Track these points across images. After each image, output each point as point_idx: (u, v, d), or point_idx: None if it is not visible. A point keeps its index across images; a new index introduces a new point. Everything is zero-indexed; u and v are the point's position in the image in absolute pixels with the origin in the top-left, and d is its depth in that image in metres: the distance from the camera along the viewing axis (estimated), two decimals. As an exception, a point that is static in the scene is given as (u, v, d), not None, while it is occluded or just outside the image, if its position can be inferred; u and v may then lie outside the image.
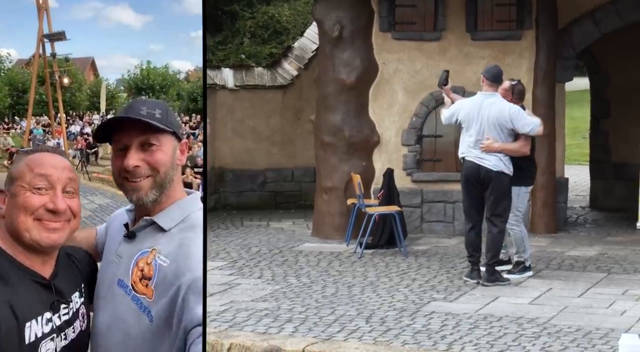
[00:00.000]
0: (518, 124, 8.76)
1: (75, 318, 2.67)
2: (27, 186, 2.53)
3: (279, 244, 11.54)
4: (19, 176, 2.56)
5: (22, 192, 2.53)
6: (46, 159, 2.60)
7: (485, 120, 8.86)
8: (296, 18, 24.34)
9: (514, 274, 9.09)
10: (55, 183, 2.56)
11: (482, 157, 8.83)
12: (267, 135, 15.17)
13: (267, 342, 7.01)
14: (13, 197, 2.54)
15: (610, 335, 7.05)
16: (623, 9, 11.94)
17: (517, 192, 8.97)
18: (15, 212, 2.52)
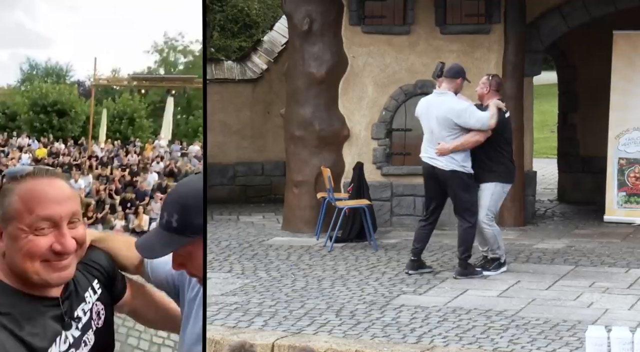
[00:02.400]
0: (466, 120, 8.81)
1: (90, 320, 2.51)
2: (27, 229, 2.23)
3: (248, 238, 11.53)
4: (15, 216, 2.24)
5: (22, 236, 2.24)
6: (45, 192, 2.27)
7: (434, 119, 8.99)
8: (266, 12, 24.27)
9: (489, 271, 9.02)
10: (59, 221, 2.27)
11: (434, 158, 9.01)
12: (237, 129, 15.14)
13: (237, 336, 7.01)
14: (12, 239, 2.25)
15: (577, 327, 7.12)
16: (590, 3, 12.03)
17: (489, 189, 8.90)
18: (19, 257, 2.25)
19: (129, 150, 30.63)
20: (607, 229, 11.81)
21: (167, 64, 50.03)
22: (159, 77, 40.59)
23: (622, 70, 12.17)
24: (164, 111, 34.52)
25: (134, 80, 36.16)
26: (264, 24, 23.55)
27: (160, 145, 31.43)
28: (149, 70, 48.60)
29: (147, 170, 25.61)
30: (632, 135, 12.23)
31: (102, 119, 33.08)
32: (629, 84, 12.17)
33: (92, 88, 32.79)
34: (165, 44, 49.90)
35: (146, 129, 40.85)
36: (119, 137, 36.11)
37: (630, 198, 12.32)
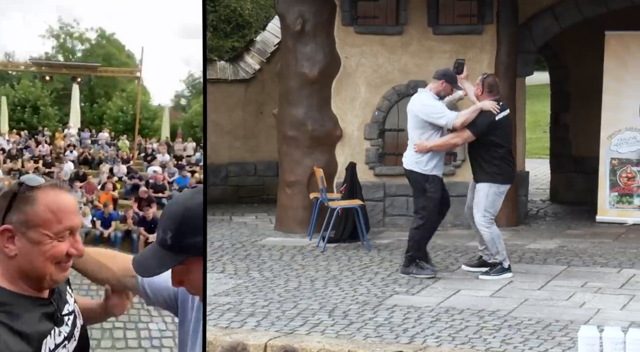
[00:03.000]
0: (430, 117, 8.86)
1: (76, 318, 2.70)
2: (53, 236, 2.44)
3: (241, 238, 11.53)
4: (42, 223, 2.43)
5: (47, 242, 2.44)
6: (69, 203, 2.51)
7: (409, 115, 9.14)
8: (258, 12, 24.26)
9: (489, 275, 8.91)
10: (76, 229, 2.53)
11: (404, 155, 9.15)
12: (229, 129, 15.13)
13: (230, 337, 7.01)
14: (34, 244, 2.43)
15: (569, 327, 7.13)
16: (582, 3, 12.05)
17: (482, 190, 8.88)
18: (39, 260, 2.44)
19: (39, 141, 29.65)
20: (599, 229, 11.84)
21: (64, 50, 49.43)
22: (62, 64, 39.72)
23: (614, 71, 12.20)
24: (70, 99, 33.90)
25: (34, 66, 35.40)
26: (256, 24, 23.53)
27: (70, 134, 31.00)
28: (47, 55, 47.72)
29: (61, 160, 25.22)
30: (624, 136, 12.26)
31: (1, 107, 31.64)
32: (620, 84, 12.20)
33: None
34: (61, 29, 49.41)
35: (52, 118, 39.76)
36: (25, 127, 35.06)
37: (622, 198, 12.35)
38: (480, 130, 8.76)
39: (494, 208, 8.93)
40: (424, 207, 8.93)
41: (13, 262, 2.45)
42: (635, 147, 12.25)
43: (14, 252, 2.44)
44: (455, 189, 11.78)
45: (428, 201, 8.92)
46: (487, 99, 8.91)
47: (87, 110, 41.46)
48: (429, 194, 8.90)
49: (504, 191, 8.97)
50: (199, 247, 2.38)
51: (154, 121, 38.35)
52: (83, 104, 38.80)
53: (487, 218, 8.85)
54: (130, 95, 39.43)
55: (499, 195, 8.91)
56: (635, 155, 12.26)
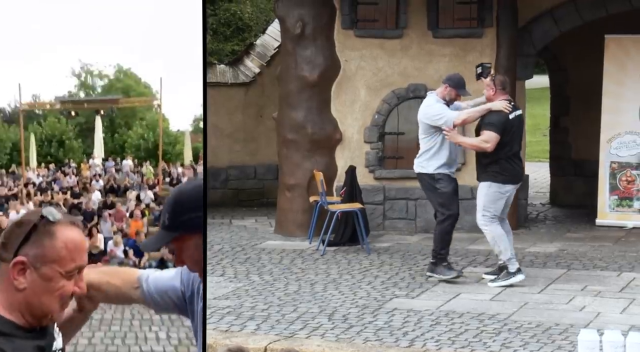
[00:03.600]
0: (431, 119, 8.90)
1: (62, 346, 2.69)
2: (64, 273, 2.42)
3: (241, 241, 11.52)
4: (57, 259, 2.40)
5: (58, 278, 2.41)
6: (80, 241, 2.49)
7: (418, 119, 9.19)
8: (258, 15, 24.25)
9: (495, 282, 8.79)
10: (83, 269, 2.51)
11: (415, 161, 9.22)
12: (229, 133, 15.12)
13: (230, 340, 7.01)
14: (45, 280, 2.40)
15: (569, 330, 7.13)
16: (582, 7, 12.05)
17: (482, 188, 8.85)
18: (47, 298, 2.42)
19: (66, 172, 30.28)
20: (599, 233, 11.83)
21: (86, 87, 51.85)
22: (85, 100, 41.99)
23: (614, 74, 12.20)
24: (93, 131, 35.32)
25: (62, 104, 37.17)
26: (256, 28, 23.52)
27: (95, 163, 31.77)
28: (70, 94, 50.01)
29: (87, 189, 25.44)
30: (623, 139, 12.26)
31: (30, 144, 32.58)
32: (620, 87, 12.20)
33: (21, 113, 32.75)
34: (82, 68, 51.95)
35: (77, 150, 41.24)
36: (51, 161, 36.11)
37: (622, 202, 12.34)
38: (500, 129, 8.64)
39: (495, 207, 8.78)
40: (442, 204, 8.95)
41: (20, 295, 2.40)
42: (635, 151, 12.24)
43: (23, 285, 2.39)
44: (455, 192, 11.79)
45: (442, 197, 8.92)
46: (500, 97, 8.83)
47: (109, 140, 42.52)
48: (440, 191, 8.92)
49: (508, 191, 8.82)
50: (191, 224, 2.62)
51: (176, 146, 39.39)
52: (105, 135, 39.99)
53: (486, 217, 8.77)
54: (149, 123, 41.01)
55: (500, 194, 8.77)
56: (635, 159, 12.25)
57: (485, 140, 8.71)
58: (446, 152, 8.97)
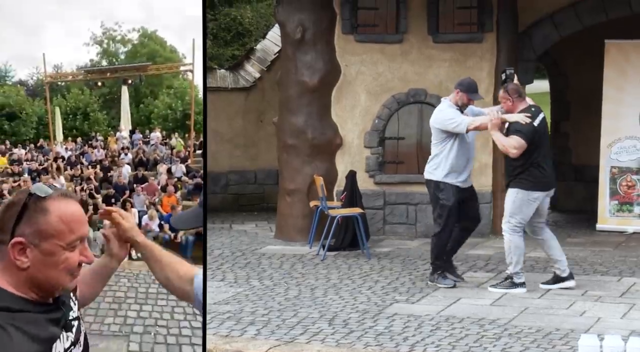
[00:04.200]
0: (444, 124, 8.80)
1: (80, 323, 2.70)
2: (65, 245, 2.43)
3: (241, 246, 11.52)
4: (55, 234, 2.41)
5: (60, 252, 2.42)
6: (80, 213, 2.51)
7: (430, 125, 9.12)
8: (258, 20, 24.25)
9: (496, 287, 8.76)
10: (85, 238, 2.53)
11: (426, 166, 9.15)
12: (229, 138, 15.14)
13: (230, 345, 7.00)
14: (47, 255, 2.41)
15: (570, 335, 7.12)
16: (582, 12, 12.07)
17: (510, 195, 8.68)
18: (54, 272, 2.43)
19: (94, 146, 29.74)
20: (600, 238, 11.83)
21: (108, 55, 49.06)
22: (112, 68, 39.12)
23: (614, 79, 12.21)
24: (118, 102, 33.50)
25: (86, 74, 35.14)
26: (256, 33, 23.53)
27: (122, 136, 30.73)
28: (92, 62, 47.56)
29: (115, 163, 24.96)
30: (624, 144, 12.27)
31: (56, 117, 32.04)
32: (620, 93, 12.21)
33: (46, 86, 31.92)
34: (104, 34, 49.12)
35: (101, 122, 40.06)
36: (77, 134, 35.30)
37: (622, 207, 12.34)
38: (530, 136, 8.48)
39: (522, 215, 8.61)
40: (440, 215, 8.89)
41: (25, 273, 2.41)
42: (635, 156, 12.25)
43: (26, 264, 2.40)
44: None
45: (442, 209, 8.86)
46: (519, 105, 8.67)
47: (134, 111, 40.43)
48: (441, 202, 8.86)
49: (537, 198, 8.63)
50: None
51: None
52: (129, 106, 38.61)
53: (510, 224, 8.62)
54: (177, 91, 38.92)
55: (528, 202, 8.59)
56: (635, 164, 12.26)
57: (514, 146, 8.51)
58: (454, 160, 8.83)
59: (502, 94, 8.78)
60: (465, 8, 11.81)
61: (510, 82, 8.89)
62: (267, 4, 23.91)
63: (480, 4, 11.79)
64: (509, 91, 8.71)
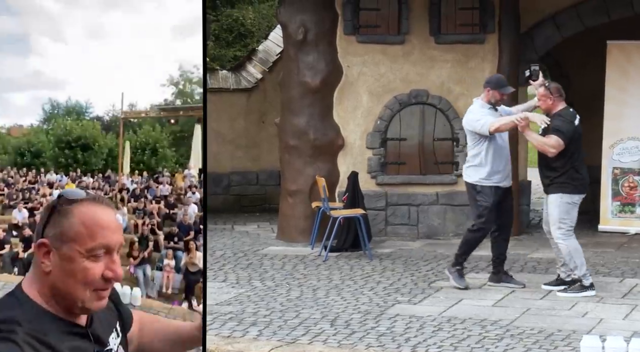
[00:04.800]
0: (470, 124, 8.75)
1: None
2: (85, 253, 2.26)
3: (243, 247, 11.52)
4: (75, 238, 2.27)
5: (79, 259, 2.26)
6: (103, 218, 2.31)
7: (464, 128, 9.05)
8: (260, 21, 24.28)
9: (566, 293, 8.63)
10: (113, 249, 2.32)
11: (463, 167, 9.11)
12: (231, 139, 15.14)
13: (232, 346, 7.00)
14: (66, 260, 2.27)
15: (572, 337, 7.12)
16: (584, 13, 12.07)
17: (553, 202, 8.57)
18: (71, 281, 2.27)
19: (160, 181, 29.21)
20: (602, 239, 11.82)
21: (183, 95, 49.41)
22: (188, 107, 39.52)
23: (616, 80, 12.20)
24: (190, 140, 33.00)
25: (162, 111, 35.73)
26: (258, 34, 23.55)
27: (191, 174, 29.89)
28: (166, 102, 48.15)
29: (181, 200, 24.01)
30: (626, 145, 12.26)
31: (125, 151, 32.11)
32: (622, 93, 12.20)
33: (121, 121, 32.32)
34: (181, 76, 49.64)
35: (169, 159, 40.64)
36: (144, 168, 35.55)
37: (624, 208, 12.34)
38: (569, 136, 8.43)
39: (570, 218, 8.51)
40: (479, 216, 8.81)
41: (48, 279, 2.29)
42: (637, 157, 12.24)
43: (48, 268, 2.28)
44: (457, 198, 11.81)
45: (480, 209, 8.78)
46: (559, 105, 8.62)
47: None
48: (479, 203, 8.78)
49: (578, 201, 8.58)
50: None
51: None
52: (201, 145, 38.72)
53: (563, 230, 8.51)
54: None
55: (572, 205, 8.53)
56: (638, 165, 12.25)
57: (553, 146, 8.45)
58: (492, 162, 8.74)
59: (544, 91, 8.68)
60: (467, 9, 11.81)
61: (536, 79, 8.84)
62: (269, 5, 23.94)
63: (482, 5, 11.79)
64: (552, 90, 8.64)
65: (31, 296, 2.29)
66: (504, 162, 8.88)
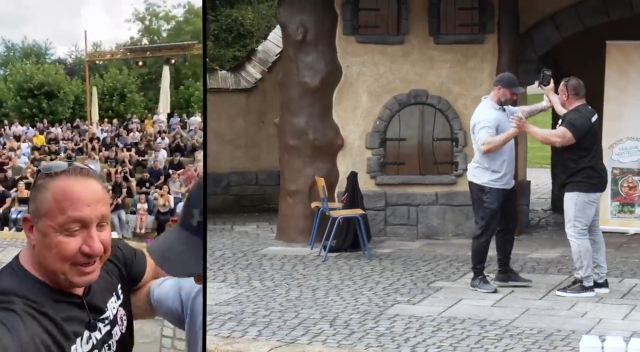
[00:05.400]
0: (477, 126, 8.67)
1: (115, 324, 2.52)
2: (57, 228, 2.24)
3: (243, 247, 11.52)
4: (47, 213, 2.25)
5: (52, 234, 2.24)
6: (78, 192, 2.26)
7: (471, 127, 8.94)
8: (260, 21, 24.29)
9: (566, 292, 8.59)
10: (89, 223, 2.27)
11: (468, 167, 9.01)
12: (231, 139, 15.13)
13: (231, 346, 7.00)
14: (42, 235, 2.27)
15: (571, 337, 7.12)
16: (583, 13, 12.07)
17: (570, 200, 8.50)
18: (49, 256, 2.26)
19: (130, 128, 29.01)
20: (601, 239, 11.80)
21: (150, 33, 47.23)
22: (156, 47, 37.10)
23: (616, 81, 12.20)
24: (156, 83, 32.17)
25: (128, 53, 33.68)
26: (258, 34, 23.56)
27: (160, 119, 29.60)
28: (132, 40, 46.06)
29: (151, 147, 24.48)
30: (625, 145, 12.26)
31: (93, 97, 30.82)
32: (622, 94, 12.20)
33: (86, 65, 31.01)
34: (147, 10, 47.30)
35: (138, 104, 39.12)
36: (112, 115, 34.55)
37: (623, 208, 12.33)
38: (581, 132, 8.37)
39: (586, 217, 8.44)
40: (482, 218, 8.73)
41: (35, 253, 2.31)
42: (636, 157, 12.24)
43: (33, 242, 2.30)
44: (456, 198, 11.81)
45: (485, 211, 8.70)
46: (575, 103, 8.57)
47: (173, 94, 38.35)
48: (486, 205, 8.68)
49: (596, 200, 8.52)
50: None
51: None
52: None
53: (577, 228, 8.45)
54: None
55: (589, 204, 8.45)
56: (637, 165, 12.25)
57: (558, 135, 8.44)
58: (500, 164, 8.68)
59: (562, 87, 8.67)
60: (466, 9, 11.81)
61: (547, 84, 8.84)
62: (268, 5, 23.95)
63: (482, 5, 11.79)
64: (568, 86, 8.62)
65: (27, 267, 2.33)
66: (511, 165, 8.85)
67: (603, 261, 8.71)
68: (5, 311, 2.18)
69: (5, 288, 2.25)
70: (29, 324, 2.18)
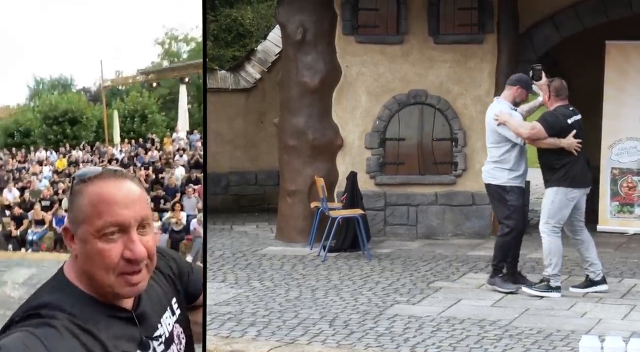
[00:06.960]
0: (503, 132, 8.60)
1: (171, 343, 2.34)
2: (96, 233, 2.12)
3: (242, 247, 11.52)
4: (85, 219, 2.14)
5: (92, 241, 2.13)
6: (111, 193, 2.15)
7: (486, 128, 8.89)
8: (259, 21, 24.26)
9: (531, 289, 8.60)
10: (128, 226, 2.15)
11: (482, 169, 8.95)
12: (230, 139, 15.13)
13: (230, 346, 7.00)
14: (83, 242, 2.15)
15: (571, 337, 7.12)
16: (582, 13, 12.07)
17: (548, 196, 8.54)
18: (92, 266, 2.14)
19: (148, 148, 29.02)
20: (600, 239, 11.77)
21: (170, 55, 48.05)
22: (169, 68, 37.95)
23: (615, 80, 12.20)
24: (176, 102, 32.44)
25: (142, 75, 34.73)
26: (257, 34, 23.53)
27: (179, 137, 29.57)
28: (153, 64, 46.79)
29: (170, 165, 24.43)
30: (624, 145, 12.26)
31: (114, 120, 31.87)
32: (621, 93, 12.20)
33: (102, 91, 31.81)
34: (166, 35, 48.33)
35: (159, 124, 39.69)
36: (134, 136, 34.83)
37: (623, 208, 12.34)
38: (555, 129, 8.37)
39: (560, 216, 8.47)
40: (508, 217, 8.67)
41: (78, 263, 2.19)
42: (636, 157, 12.24)
43: (75, 252, 2.18)
44: (455, 198, 11.82)
45: (511, 210, 8.66)
46: (555, 103, 8.55)
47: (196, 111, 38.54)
48: (510, 203, 8.64)
49: (575, 197, 8.51)
50: None
51: None
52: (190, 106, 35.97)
53: (549, 225, 8.49)
54: None
55: (566, 201, 8.47)
56: (636, 165, 12.25)
57: (525, 127, 8.46)
58: (518, 163, 8.68)
59: (544, 87, 8.67)
60: (465, 9, 11.81)
61: (538, 79, 8.78)
62: (267, 5, 23.92)
63: (481, 5, 11.79)
64: (550, 87, 8.61)
65: (71, 279, 2.19)
66: (524, 162, 8.86)
67: (595, 258, 8.71)
68: (46, 327, 2.04)
69: (48, 302, 2.11)
70: (67, 343, 2.04)
